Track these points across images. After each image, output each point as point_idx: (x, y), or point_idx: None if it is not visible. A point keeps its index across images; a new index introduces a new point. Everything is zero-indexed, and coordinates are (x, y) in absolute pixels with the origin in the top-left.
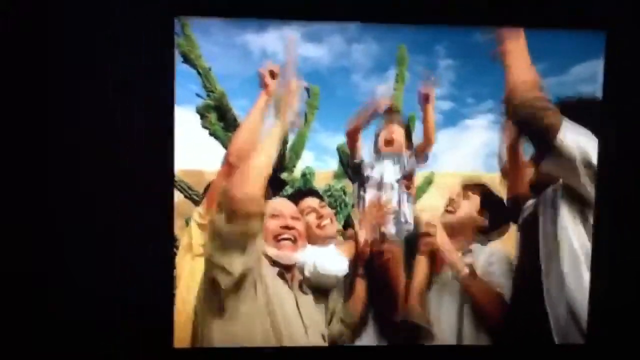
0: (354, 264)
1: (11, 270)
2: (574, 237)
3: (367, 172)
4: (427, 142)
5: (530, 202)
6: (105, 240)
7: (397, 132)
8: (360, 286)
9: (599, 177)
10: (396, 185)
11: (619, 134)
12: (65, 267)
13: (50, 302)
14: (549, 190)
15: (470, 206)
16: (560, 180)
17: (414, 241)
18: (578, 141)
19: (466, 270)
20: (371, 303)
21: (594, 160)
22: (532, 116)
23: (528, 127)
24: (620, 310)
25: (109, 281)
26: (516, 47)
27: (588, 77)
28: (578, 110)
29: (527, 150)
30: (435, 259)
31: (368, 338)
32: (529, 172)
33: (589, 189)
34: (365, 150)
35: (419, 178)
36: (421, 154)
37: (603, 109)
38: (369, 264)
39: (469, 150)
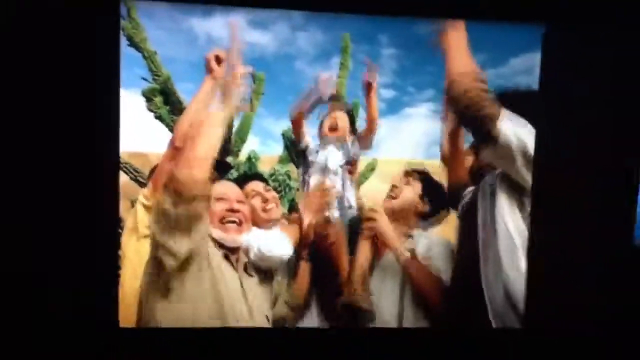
0: (298, 247)
1: None
2: (511, 223)
3: (311, 157)
4: (371, 128)
5: (470, 189)
6: (50, 221)
7: (341, 119)
8: (304, 269)
9: (535, 166)
10: (340, 171)
11: (555, 124)
12: (11, 249)
13: None
14: (488, 178)
15: (411, 192)
16: (499, 169)
17: (357, 225)
18: (516, 131)
19: (407, 255)
20: (315, 286)
21: (531, 149)
22: (471, 106)
23: (467, 117)
24: (556, 295)
25: (54, 262)
26: (457, 38)
27: (526, 69)
28: (516, 101)
29: (466, 139)
30: (378, 244)
31: (311, 320)
32: (468, 160)
33: (526, 177)
34: (309, 135)
35: (361, 164)
36: (365, 140)
37: (540, 100)
38: (313, 248)
39: (410, 138)
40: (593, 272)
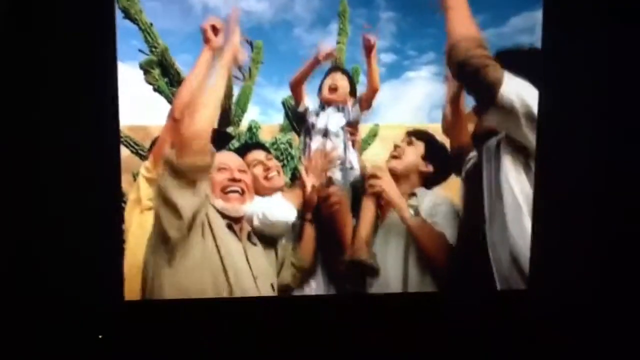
0: (302, 210)
1: None
2: (516, 186)
3: (311, 119)
4: (372, 88)
5: (473, 154)
6: (53, 196)
7: (341, 80)
8: (309, 231)
9: (539, 127)
10: (341, 133)
11: (558, 84)
12: (14, 225)
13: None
14: (492, 141)
15: (414, 152)
16: (503, 132)
17: (360, 186)
18: (519, 93)
19: (410, 212)
20: (320, 248)
21: (535, 110)
22: (474, 73)
23: (470, 83)
24: (560, 256)
25: (58, 237)
26: (457, 1)
27: (526, 28)
28: (517, 61)
29: (468, 102)
30: (381, 204)
31: (317, 283)
32: (471, 124)
33: (531, 139)
34: (309, 99)
35: (363, 131)
36: (365, 102)
37: (542, 59)
38: (317, 210)
39: (412, 102)
40: (598, 233)
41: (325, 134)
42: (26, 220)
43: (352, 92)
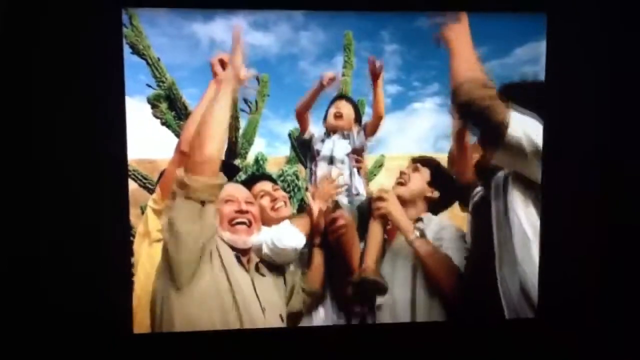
0: (310, 235)
1: None
2: (524, 218)
3: (317, 146)
4: (377, 115)
5: (480, 187)
6: (62, 229)
7: (345, 107)
8: (318, 256)
9: (544, 159)
10: (346, 160)
11: (562, 114)
12: (23, 258)
13: (10, 290)
14: (500, 175)
15: (420, 178)
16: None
17: (367, 209)
18: (526, 133)
19: (417, 234)
20: (328, 272)
21: (541, 145)
22: (479, 114)
23: (476, 123)
24: (569, 286)
25: (68, 269)
26: (460, 33)
27: (530, 58)
28: (522, 93)
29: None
30: (388, 225)
31: (325, 310)
32: (476, 157)
33: (539, 173)
34: (315, 126)
35: (369, 161)
36: (371, 128)
37: (546, 89)
38: (324, 235)
39: (417, 133)
40: (606, 264)
41: (331, 160)
42: (35, 253)
43: (357, 119)
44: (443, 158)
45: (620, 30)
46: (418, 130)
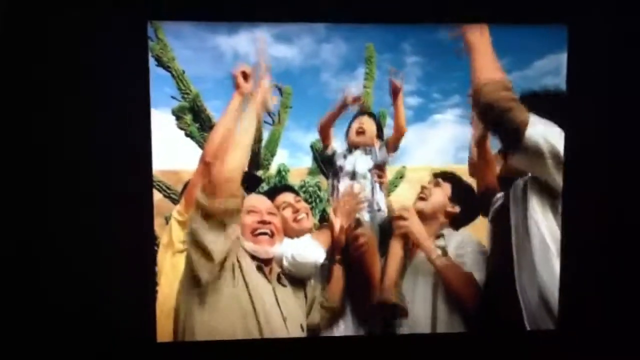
0: (330, 251)
1: None
2: (544, 227)
3: (339, 162)
4: (399, 131)
5: (500, 195)
6: (88, 239)
7: (368, 123)
8: (338, 272)
9: (566, 168)
10: (369, 175)
11: (584, 125)
12: (49, 267)
13: (34, 300)
14: (519, 182)
15: (441, 194)
16: (529, 173)
17: (387, 227)
18: (545, 136)
19: (438, 253)
20: (348, 289)
21: (561, 152)
22: (499, 116)
23: (496, 125)
24: (589, 296)
25: (93, 279)
26: (481, 43)
27: (552, 70)
28: (543, 103)
29: (494, 144)
30: (409, 244)
31: (345, 324)
32: (497, 166)
33: (558, 180)
34: (337, 142)
35: (391, 173)
36: (392, 144)
37: (568, 100)
38: (345, 251)
39: (438, 144)
40: (627, 273)
41: (353, 176)
42: (61, 263)
43: (379, 134)
44: (464, 169)
45: None
46: (439, 141)
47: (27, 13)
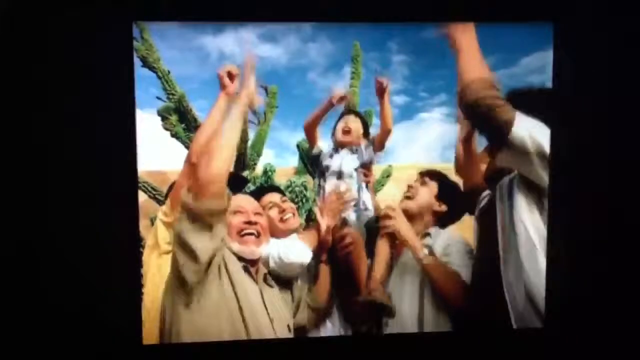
0: (317, 251)
1: None
2: (530, 224)
3: (325, 161)
4: (385, 129)
5: (486, 193)
6: (72, 240)
7: (354, 122)
8: (325, 272)
9: (552, 166)
10: (355, 174)
11: (569, 122)
12: (33, 268)
13: (18, 301)
14: (505, 180)
15: (428, 192)
16: (516, 171)
17: (374, 226)
18: (531, 134)
19: (425, 252)
20: (335, 288)
21: (547, 149)
22: (485, 114)
23: (482, 123)
24: (576, 294)
25: (78, 281)
26: (467, 42)
27: (538, 68)
28: (528, 100)
29: (480, 142)
30: (395, 242)
31: (333, 323)
32: (483, 164)
33: (544, 177)
34: (323, 141)
35: (377, 172)
36: (379, 143)
37: (554, 98)
38: (332, 251)
39: (425, 143)
40: (613, 270)
41: (340, 175)
42: (44, 265)
43: (365, 133)
44: (450, 168)
45: (627, 39)
46: (426, 140)
47: (27, 13)
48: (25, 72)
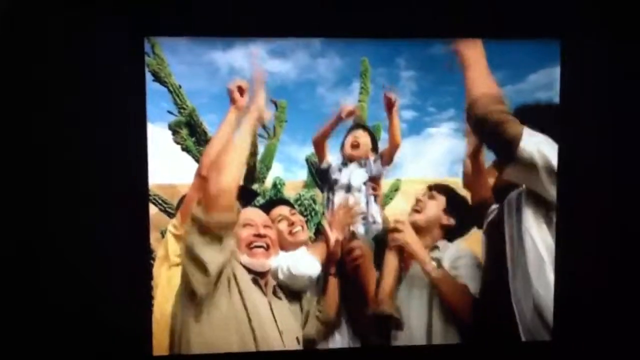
0: (326, 264)
1: None
2: (538, 238)
3: (334, 175)
4: (393, 144)
5: (494, 207)
6: (84, 253)
7: (362, 137)
8: (333, 285)
9: (559, 181)
10: (363, 188)
11: (577, 137)
12: (45, 280)
13: (29, 313)
14: (513, 194)
15: (436, 206)
16: (523, 185)
17: (383, 239)
18: (539, 148)
19: (433, 265)
20: (344, 301)
21: (555, 164)
22: (493, 129)
23: (490, 138)
24: (584, 307)
25: (89, 293)
26: (475, 58)
27: (545, 83)
28: (536, 116)
29: (488, 157)
30: (404, 256)
31: (341, 336)
32: (491, 179)
33: (552, 192)
34: (332, 155)
35: (386, 185)
36: (387, 157)
37: (561, 113)
38: (341, 264)
39: (433, 157)
40: (621, 284)
41: (348, 189)
42: (56, 277)
43: (374, 148)
44: (458, 182)
45: (633, 55)
46: (433, 154)
47: (27, 13)
48: (25, 72)
